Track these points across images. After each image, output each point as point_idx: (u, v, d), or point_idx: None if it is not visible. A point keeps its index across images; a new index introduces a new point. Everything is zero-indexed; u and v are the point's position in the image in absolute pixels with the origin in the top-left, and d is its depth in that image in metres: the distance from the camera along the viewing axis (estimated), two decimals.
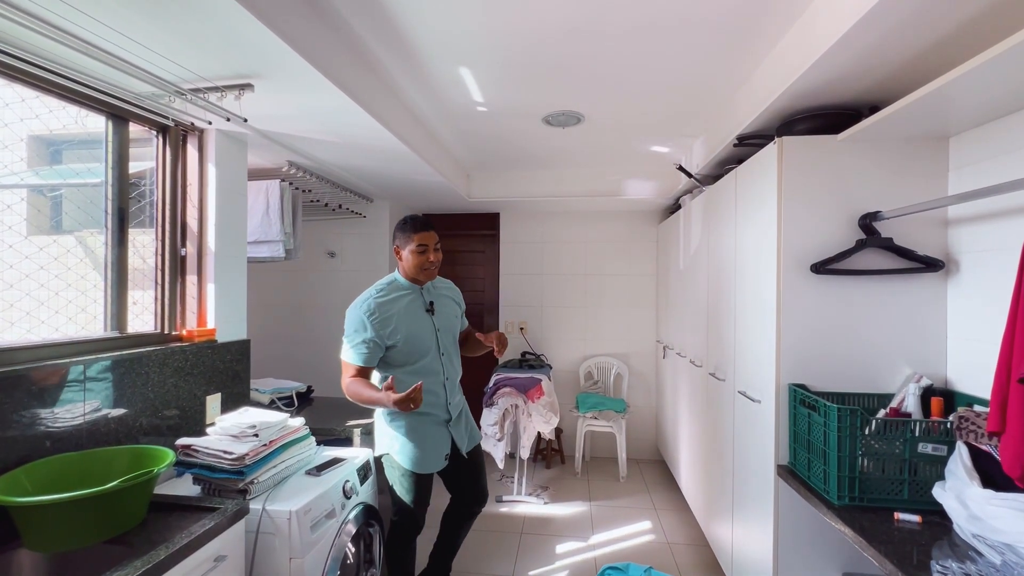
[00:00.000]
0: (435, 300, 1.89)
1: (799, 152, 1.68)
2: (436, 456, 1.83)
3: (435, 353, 1.83)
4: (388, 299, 1.78)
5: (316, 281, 3.58)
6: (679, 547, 2.67)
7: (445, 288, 2.00)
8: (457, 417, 1.90)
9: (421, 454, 1.79)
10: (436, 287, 1.95)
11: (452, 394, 1.88)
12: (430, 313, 1.85)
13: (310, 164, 2.58)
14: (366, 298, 1.77)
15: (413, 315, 1.80)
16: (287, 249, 2.56)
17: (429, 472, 1.82)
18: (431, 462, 1.82)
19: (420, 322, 1.81)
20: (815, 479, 1.49)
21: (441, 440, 1.85)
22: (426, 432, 1.81)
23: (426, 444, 1.80)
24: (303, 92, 1.66)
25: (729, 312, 2.17)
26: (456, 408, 1.90)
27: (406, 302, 1.81)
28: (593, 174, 3.55)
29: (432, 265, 1.82)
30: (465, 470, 1.95)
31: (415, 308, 1.82)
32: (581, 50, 1.78)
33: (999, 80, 1.19)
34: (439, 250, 1.85)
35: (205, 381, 1.86)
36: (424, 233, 1.80)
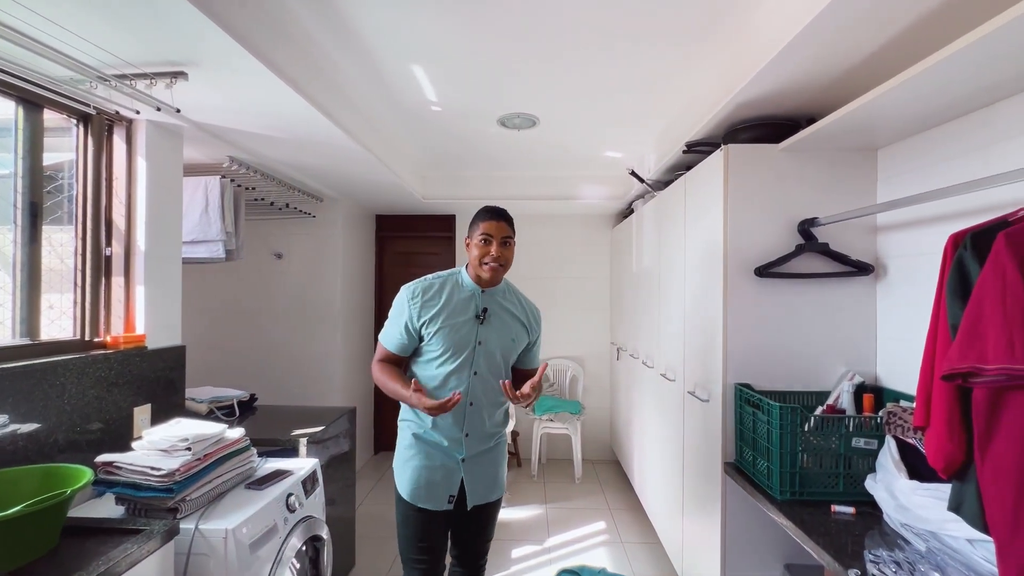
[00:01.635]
0: (491, 309, 1.55)
1: (743, 159, 1.74)
2: (436, 492, 1.52)
3: (466, 368, 1.51)
4: (439, 287, 1.54)
5: (261, 284, 3.41)
6: (632, 546, 2.71)
7: (516, 304, 1.62)
8: (475, 458, 1.55)
9: (416, 482, 1.52)
10: (504, 298, 1.59)
11: (474, 426, 1.54)
12: (479, 320, 1.53)
13: (253, 160, 2.46)
14: (418, 280, 1.56)
15: (458, 315, 1.51)
16: (228, 250, 2.41)
17: (424, 507, 1.52)
18: (427, 495, 1.52)
19: (462, 326, 1.51)
20: (759, 475, 1.54)
21: (448, 476, 1.53)
22: (432, 460, 1.53)
23: (426, 473, 1.52)
24: (244, 84, 1.57)
25: (679, 314, 2.23)
26: (474, 446, 1.55)
27: (458, 299, 1.53)
28: (549, 177, 3.57)
29: (493, 261, 1.49)
30: (463, 524, 1.62)
31: (464, 308, 1.52)
32: (535, 54, 1.78)
33: (917, 97, 1.28)
34: (509, 246, 1.54)
35: (133, 392, 1.72)
36: (492, 222, 1.52)
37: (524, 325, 1.61)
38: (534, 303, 1.69)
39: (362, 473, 3.74)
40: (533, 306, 1.68)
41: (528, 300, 1.68)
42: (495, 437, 1.62)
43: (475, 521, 1.62)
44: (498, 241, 1.51)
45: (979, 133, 1.33)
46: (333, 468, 2.20)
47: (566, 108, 2.31)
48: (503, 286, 1.61)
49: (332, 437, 2.24)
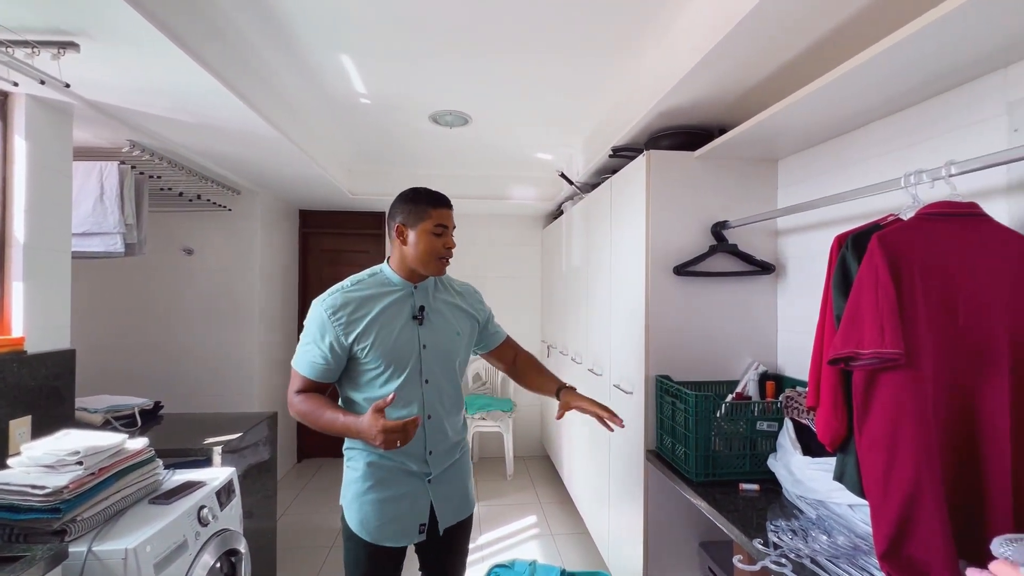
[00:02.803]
0: (428, 306, 1.37)
1: (664, 165, 1.85)
2: (403, 524, 1.32)
3: (414, 378, 1.31)
4: (363, 294, 1.31)
5: (169, 281, 3.12)
6: (562, 537, 2.79)
7: (451, 292, 1.46)
8: (442, 475, 1.37)
9: (379, 518, 1.30)
10: (438, 289, 1.42)
11: (437, 440, 1.35)
12: (417, 322, 1.34)
13: (159, 146, 2.25)
14: (334, 290, 1.31)
15: (393, 320, 1.30)
16: (128, 243, 2.19)
17: (389, 545, 1.32)
18: (393, 531, 1.31)
19: (400, 332, 1.30)
20: (678, 460, 1.65)
21: (415, 503, 1.33)
22: (396, 488, 1.32)
23: (389, 505, 1.31)
24: (147, 59, 1.44)
25: (606, 311, 2.32)
26: (441, 461, 1.36)
27: (387, 302, 1.31)
28: (481, 177, 3.59)
29: (448, 254, 1.34)
30: (434, 553, 1.42)
31: (398, 312, 1.32)
32: (467, 52, 1.79)
33: (809, 113, 1.43)
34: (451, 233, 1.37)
35: (8, 403, 1.51)
36: (445, 210, 1.33)
37: (466, 311, 1.45)
38: (466, 282, 1.57)
39: (284, 482, 3.54)
40: (468, 287, 1.54)
41: (460, 282, 1.53)
42: (459, 447, 1.44)
43: (447, 546, 1.42)
44: (451, 231, 1.35)
45: (858, 149, 1.52)
46: (252, 478, 2.07)
47: (499, 108, 2.33)
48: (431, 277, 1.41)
49: (250, 445, 2.10)
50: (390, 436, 1.10)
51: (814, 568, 1.05)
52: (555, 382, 1.51)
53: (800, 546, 1.11)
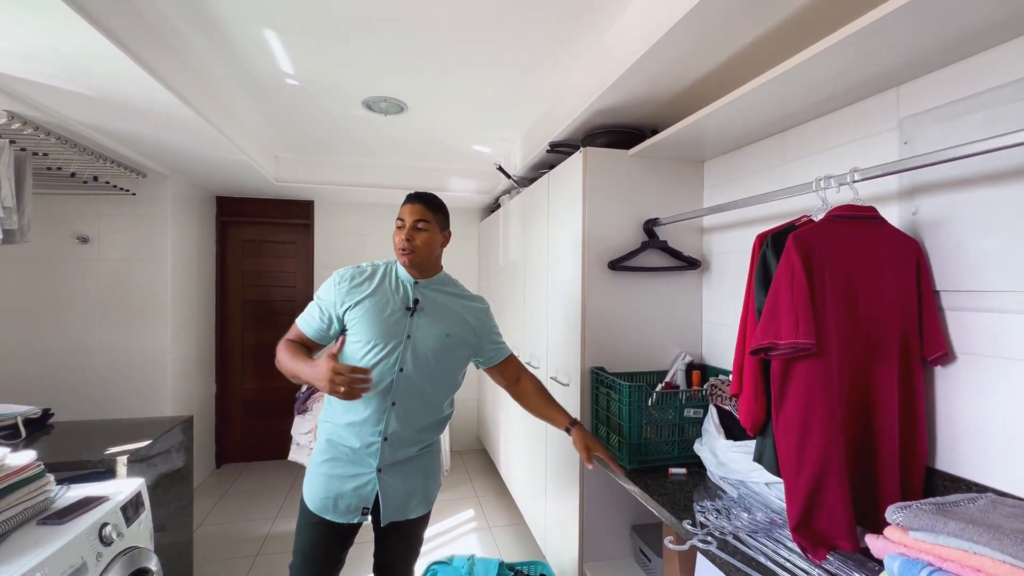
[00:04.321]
0: (425, 301, 1.44)
1: (600, 162, 1.90)
2: (346, 503, 1.38)
3: (390, 365, 1.36)
4: (370, 276, 1.45)
5: (60, 274, 2.77)
6: (500, 529, 2.82)
7: (454, 298, 1.52)
8: (394, 467, 1.40)
9: (324, 492, 1.39)
10: (441, 291, 1.50)
11: (396, 429, 1.38)
12: (409, 312, 1.41)
13: (45, 119, 1.98)
14: (352, 266, 1.48)
15: (387, 304, 1.40)
16: (7, 229, 1.91)
17: (325, 519, 1.39)
18: (335, 507, 1.38)
19: (390, 316, 1.39)
20: (612, 449, 1.71)
21: (361, 488, 1.38)
22: (344, 468, 1.39)
23: (336, 483, 1.39)
24: (27, 18, 1.25)
25: (543, 305, 2.36)
26: (395, 452, 1.39)
27: (387, 288, 1.43)
28: (417, 168, 3.50)
29: (407, 245, 1.39)
30: (381, 541, 1.49)
31: (394, 298, 1.42)
32: (403, 36, 1.73)
33: (731, 120, 1.53)
34: (423, 230, 1.42)
35: None
36: (406, 205, 1.45)
37: (464, 317, 1.49)
38: (478, 295, 1.62)
39: (201, 490, 3.28)
40: (477, 298, 1.59)
41: (471, 293, 1.60)
42: (421, 444, 1.46)
43: (392, 539, 1.47)
44: (410, 225, 1.42)
45: (776, 154, 1.64)
46: (164, 488, 1.90)
47: (436, 97, 2.28)
48: (442, 278, 1.53)
49: (161, 452, 1.92)
50: (336, 379, 1.19)
51: (736, 544, 1.13)
52: (566, 417, 1.57)
53: (724, 524, 1.19)
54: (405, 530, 1.48)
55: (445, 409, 1.52)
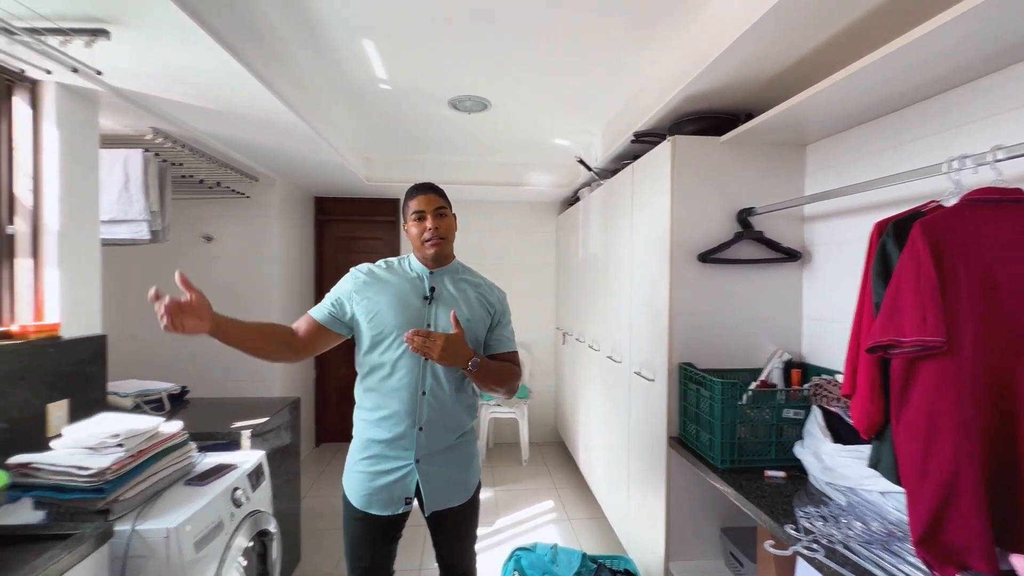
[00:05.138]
0: (440, 289, 1.44)
1: (689, 150, 1.83)
2: (389, 495, 1.38)
3: (416, 356, 1.35)
4: (385, 273, 1.45)
5: (189, 268, 3.12)
6: (580, 522, 2.82)
7: (471, 284, 1.49)
8: (432, 456, 1.39)
9: (366, 486, 1.38)
10: (456, 278, 1.48)
11: (430, 419, 1.37)
12: (427, 302, 1.41)
13: (181, 133, 2.26)
14: (371, 263, 1.49)
15: (404, 296, 1.40)
16: (153, 230, 2.21)
17: (369, 513, 1.39)
18: (378, 501, 1.38)
19: (408, 306, 1.39)
20: (702, 447, 1.66)
21: (402, 479, 1.38)
22: (384, 463, 1.38)
23: (377, 477, 1.38)
24: (174, 45, 1.44)
25: (626, 299, 2.32)
26: (432, 442, 1.38)
27: (401, 283, 1.43)
28: (497, 163, 3.57)
29: (432, 234, 1.39)
30: (434, 531, 1.50)
31: (409, 291, 1.41)
32: (488, 35, 1.77)
33: (841, 99, 1.41)
34: (445, 216, 1.42)
35: (46, 386, 1.55)
36: (420, 197, 1.41)
37: (482, 304, 1.47)
38: (495, 285, 1.58)
39: (304, 466, 3.60)
40: (494, 285, 1.56)
41: (487, 280, 1.56)
42: (457, 432, 1.44)
43: (442, 529, 1.48)
44: (432, 214, 1.40)
45: (893, 133, 1.49)
46: (276, 462, 2.10)
47: (518, 93, 2.31)
48: (455, 266, 1.51)
49: (274, 429, 2.14)
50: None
51: (847, 553, 1.05)
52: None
53: (833, 532, 1.12)
54: (453, 520, 1.47)
55: (473, 394, 1.50)
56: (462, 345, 1.30)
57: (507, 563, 1.94)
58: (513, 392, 1.47)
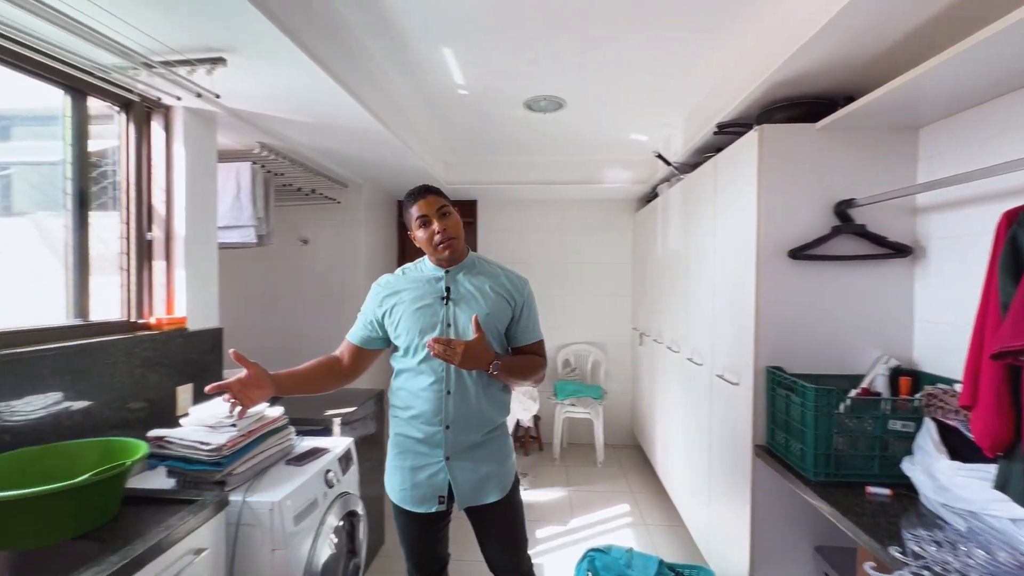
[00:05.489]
0: (456, 288, 1.43)
1: (778, 140, 1.71)
2: (422, 493, 1.41)
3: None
4: (402, 279, 1.48)
5: (289, 269, 3.47)
6: (657, 528, 2.74)
7: (487, 277, 1.46)
8: (462, 454, 1.40)
9: (401, 484, 1.44)
10: (471, 273, 1.46)
11: (457, 418, 1.39)
12: (444, 302, 1.42)
13: (282, 146, 2.49)
14: (390, 273, 1.53)
15: (422, 299, 1.42)
16: (259, 235, 2.46)
17: (409, 509, 1.44)
18: (413, 497, 1.42)
19: (426, 309, 1.41)
20: (792, 457, 1.54)
21: (433, 477, 1.41)
22: (415, 460, 1.43)
23: (410, 474, 1.42)
24: (279, 68, 1.59)
25: (708, 298, 2.21)
26: (460, 440, 1.40)
27: (419, 286, 1.45)
28: (572, 162, 3.55)
29: (442, 235, 1.38)
30: (477, 532, 1.51)
31: (427, 294, 1.43)
32: (563, 35, 1.77)
33: (965, 74, 1.24)
34: (449, 215, 1.41)
35: (176, 371, 1.78)
36: (420, 201, 1.40)
37: (497, 292, 1.44)
38: (519, 273, 1.54)
39: None
40: (513, 274, 1.51)
41: (508, 269, 1.52)
42: (485, 429, 1.43)
43: (482, 527, 1.49)
44: (435, 216, 1.39)
45: None
46: (362, 449, 2.25)
47: (593, 90, 2.29)
48: (470, 262, 1.48)
49: (361, 419, 2.29)
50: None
51: None
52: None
53: (949, 559, 1.00)
54: (491, 518, 1.46)
55: (503, 391, 1.49)
56: (483, 349, 1.32)
57: (580, 563, 1.93)
58: (539, 381, 1.53)
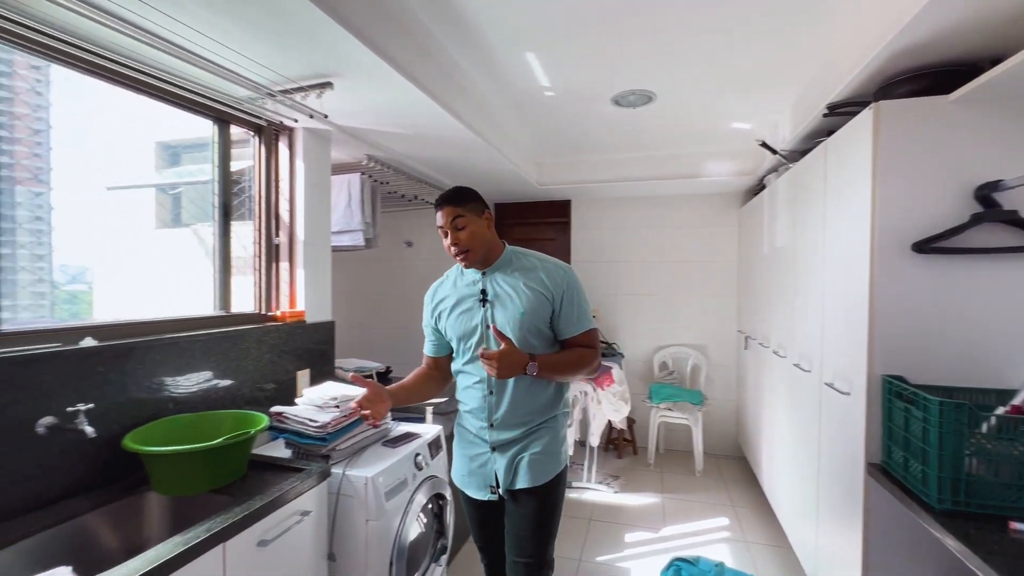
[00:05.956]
0: (492, 289, 1.44)
1: (900, 117, 1.50)
2: (474, 479, 1.51)
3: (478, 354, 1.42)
4: (447, 284, 1.56)
5: (394, 269, 3.79)
6: (758, 547, 2.53)
7: (524, 274, 1.43)
8: (503, 446, 1.46)
9: (460, 469, 1.56)
10: (508, 273, 1.45)
11: (498, 416, 1.44)
12: (482, 304, 1.45)
13: (387, 157, 2.73)
14: (438, 280, 1.61)
15: (463, 303, 1.48)
16: (367, 238, 2.73)
17: (469, 494, 1.54)
18: (470, 484, 1.53)
19: (466, 313, 1.46)
20: (912, 479, 1.35)
21: (484, 465, 1.49)
22: (470, 448, 1.53)
23: (467, 462, 1.54)
24: (377, 88, 1.75)
25: (816, 297, 2.00)
26: (501, 436, 1.45)
27: (463, 287, 1.50)
28: (667, 156, 3.41)
29: (454, 249, 1.40)
30: (507, 513, 1.49)
31: (468, 296, 1.48)
32: (646, 22, 1.72)
33: None
34: (463, 227, 1.39)
35: (296, 358, 2.05)
36: (439, 211, 1.42)
37: (532, 288, 1.40)
38: (558, 262, 1.48)
39: None
40: (552, 265, 1.46)
41: (548, 260, 1.47)
42: (528, 427, 1.45)
43: (510, 510, 1.48)
44: (449, 228, 1.40)
45: None
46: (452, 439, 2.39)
47: (685, 80, 2.19)
48: (506, 259, 1.47)
49: (453, 411, 2.43)
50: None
51: None
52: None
53: None
54: (523, 500, 1.44)
55: (547, 388, 1.46)
56: (515, 355, 1.34)
57: (665, 571, 1.87)
58: (593, 372, 1.47)
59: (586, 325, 1.45)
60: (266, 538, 1.25)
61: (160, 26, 1.29)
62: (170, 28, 1.30)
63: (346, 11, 1.34)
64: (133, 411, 1.42)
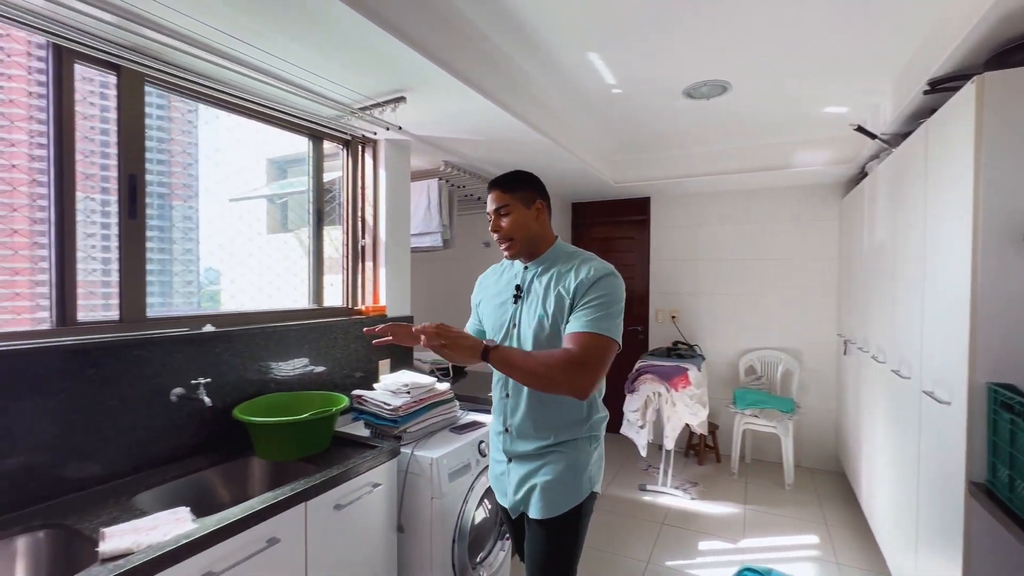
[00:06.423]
0: (527, 286, 1.36)
1: (1008, 90, 1.32)
2: (499, 486, 1.44)
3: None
4: (492, 275, 1.53)
5: (471, 269, 3.90)
6: (850, 569, 2.31)
7: (557, 274, 1.32)
8: (518, 459, 1.35)
9: (491, 470, 1.49)
10: (545, 270, 1.35)
11: (514, 424, 1.34)
12: (514, 300, 1.38)
13: (462, 162, 2.88)
14: (494, 264, 1.58)
15: (500, 296, 1.43)
16: (445, 239, 2.90)
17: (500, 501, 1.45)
18: (496, 486, 1.46)
19: (499, 307, 1.42)
20: (1019, 502, 1.18)
21: (502, 471, 1.41)
22: (494, 450, 1.45)
23: (494, 464, 1.46)
24: (446, 99, 1.89)
25: (916, 298, 1.80)
26: (514, 446, 1.34)
27: (505, 279, 1.45)
28: (750, 147, 3.21)
29: (498, 237, 1.35)
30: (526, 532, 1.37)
31: (506, 289, 1.42)
32: (715, 12, 1.66)
33: None
34: (507, 214, 1.33)
35: (379, 349, 2.26)
36: (488, 196, 1.38)
37: (561, 291, 1.28)
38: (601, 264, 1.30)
39: None
40: (590, 264, 1.29)
41: (591, 260, 1.32)
42: (544, 443, 1.30)
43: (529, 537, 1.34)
44: (494, 214, 1.35)
45: None
46: None
47: (762, 66, 2.07)
48: (551, 254, 1.36)
49: None
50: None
51: None
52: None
53: None
54: (530, 532, 1.33)
55: (586, 410, 1.32)
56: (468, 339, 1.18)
57: None
58: (552, 382, 1.16)
59: (589, 327, 1.20)
60: (341, 503, 1.42)
61: (267, 64, 1.52)
62: (274, 64, 1.53)
63: (411, 30, 1.47)
64: (241, 387, 1.68)
